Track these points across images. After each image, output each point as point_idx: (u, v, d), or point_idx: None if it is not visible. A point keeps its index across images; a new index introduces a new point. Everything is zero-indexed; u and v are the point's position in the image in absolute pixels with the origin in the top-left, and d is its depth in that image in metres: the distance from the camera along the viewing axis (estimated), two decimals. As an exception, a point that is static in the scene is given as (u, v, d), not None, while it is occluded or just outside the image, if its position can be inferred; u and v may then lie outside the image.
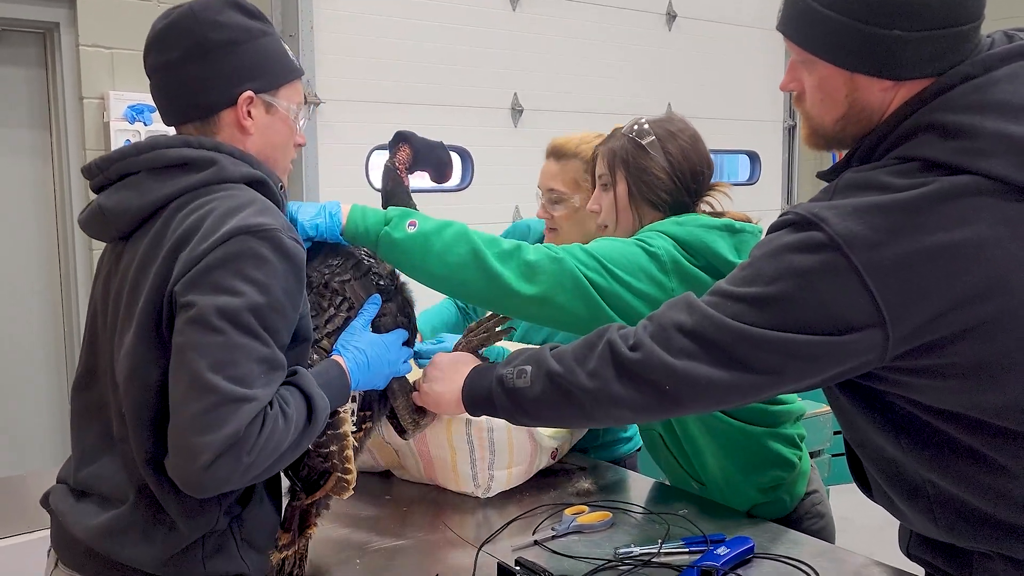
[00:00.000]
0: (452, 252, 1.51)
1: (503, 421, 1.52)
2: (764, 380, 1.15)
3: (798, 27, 1.18)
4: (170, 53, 1.27)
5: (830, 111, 1.19)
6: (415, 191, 1.71)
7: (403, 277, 1.59)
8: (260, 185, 1.27)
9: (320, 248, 1.51)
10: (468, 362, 1.50)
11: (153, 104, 1.35)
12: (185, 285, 1.14)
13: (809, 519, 1.79)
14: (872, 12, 1.10)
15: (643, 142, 1.71)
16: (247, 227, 1.15)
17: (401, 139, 1.71)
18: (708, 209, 1.75)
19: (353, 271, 1.48)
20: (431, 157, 1.71)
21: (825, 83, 1.18)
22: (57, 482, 1.34)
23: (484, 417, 1.53)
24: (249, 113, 1.29)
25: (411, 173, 1.70)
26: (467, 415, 1.54)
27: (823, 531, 1.79)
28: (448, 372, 1.50)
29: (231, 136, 1.30)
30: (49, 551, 1.33)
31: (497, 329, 1.62)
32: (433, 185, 1.73)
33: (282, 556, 1.39)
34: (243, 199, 1.21)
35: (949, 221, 1.07)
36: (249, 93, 1.28)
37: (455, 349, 1.61)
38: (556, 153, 2.09)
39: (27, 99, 3.53)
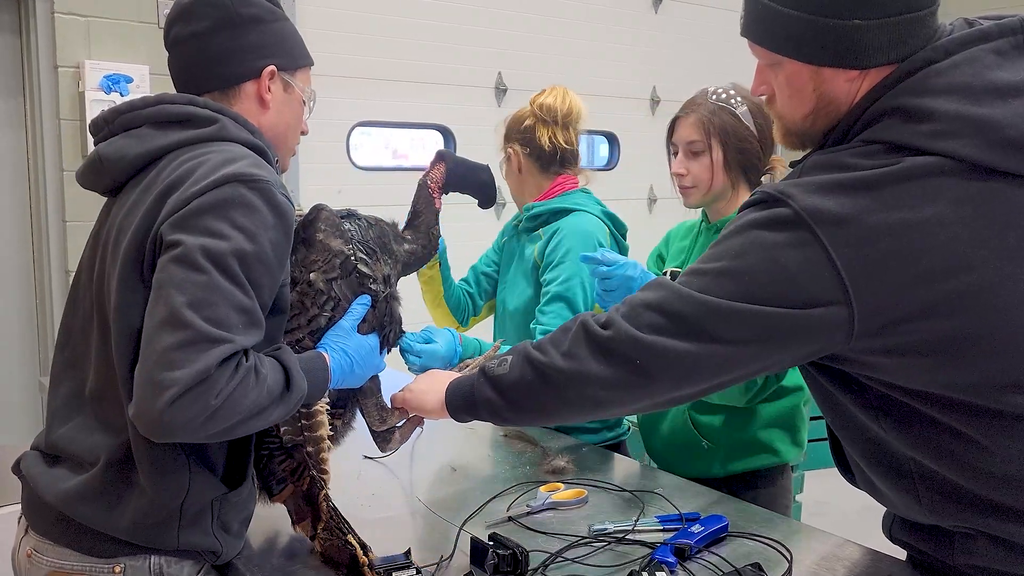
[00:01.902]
0: None
1: None
2: (730, 352, 1.15)
3: (760, 29, 1.21)
4: (199, 24, 1.30)
5: (799, 107, 1.22)
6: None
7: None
8: (258, 153, 1.28)
9: (297, 244, 1.41)
10: (457, 374, 1.51)
11: (129, 75, 1.38)
12: (172, 225, 1.13)
13: (783, 487, 1.86)
14: (830, 4, 1.13)
15: (737, 112, 1.77)
16: (241, 175, 1.16)
17: (438, 158, 1.69)
18: (767, 181, 1.83)
19: (340, 270, 1.42)
20: (471, 179, 1.69)
21: (792, 80, 1.20)
22: (30, 449, 1.33)
23: None
24: (269, 88, 1.33)
25: (445, 194, 1.68)
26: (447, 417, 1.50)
27: (788, 506, 1.86)
28: (437, 375, 1.52)
29: (249, 108, 1.33)
30: (20, 518, 1.32)
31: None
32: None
33: (320, 539, 1.41)
34: (239, 153, 1.22)
35: (913, 199, 1.08)
36: (272, 67, 1.33)
37: None
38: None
39: (0, 67, 3.46)
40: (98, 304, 1.23)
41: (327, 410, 1.43)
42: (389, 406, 1.58)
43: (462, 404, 1.40)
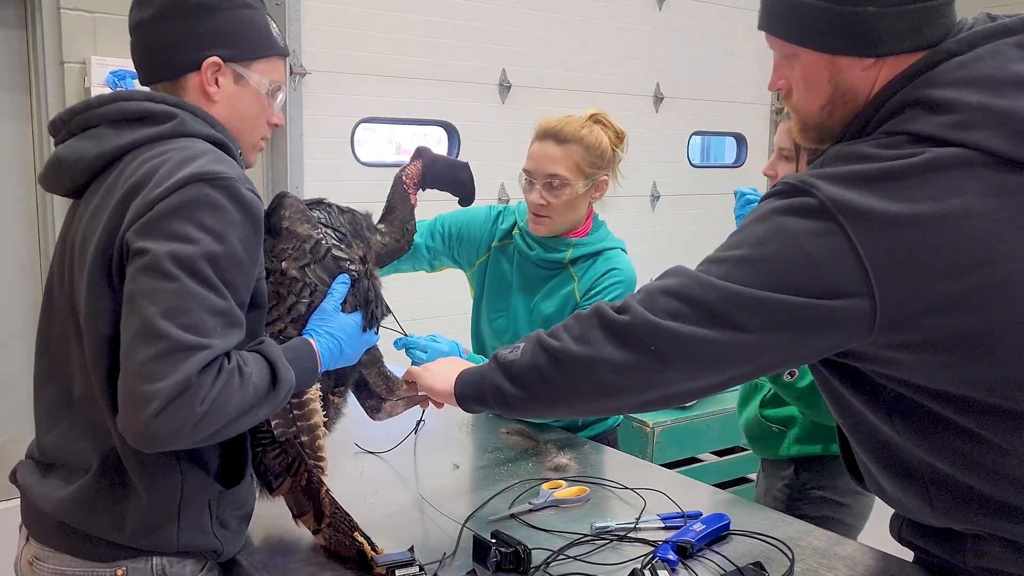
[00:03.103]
0: None
1: None
2: (748, 341, 1.13)
3: (776, 20, 1.21)
4: (146, 11, 1.27)
5: (816, 98, 1.21)
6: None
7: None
8: (219, 147, 1.25)
9: (264, 234, 1.37)
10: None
11: (135, 71, 1.35)
12: (137, 232, 1.11)
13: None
14: None
15: None
16: (203, 174, 1.13)
17: (416, 155, 1.68)
18: None
19: (311, 254, 1.40)
20: (449, 177, 1.69)
21: (808, 71, 1.20)
22: (25, 458, 1.32)
23: None
24: (216, 81, 1.28)
25: (422, 190, 1.67)
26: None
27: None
28: (455, 361, 1.51)
29: (196, 100, 1.28)
30: (20, 527, 1.31)
31: None
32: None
33: (324, 535, 1.41)
34: (199, 149, 1.19)
35: (938, 191, 1.07)
36: (215, 59, 1.27)
37: None
38: (556, 136, 1.98)
39: (6, 62, 3.47)
40: (72, 310, 1.22)
41: (320, 395, 1.42)
42: (395, 374, 1.59)
43: (472, 392, 1.38)
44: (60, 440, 1.24)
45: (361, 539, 1.36)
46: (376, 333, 1.49)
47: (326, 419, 1.46)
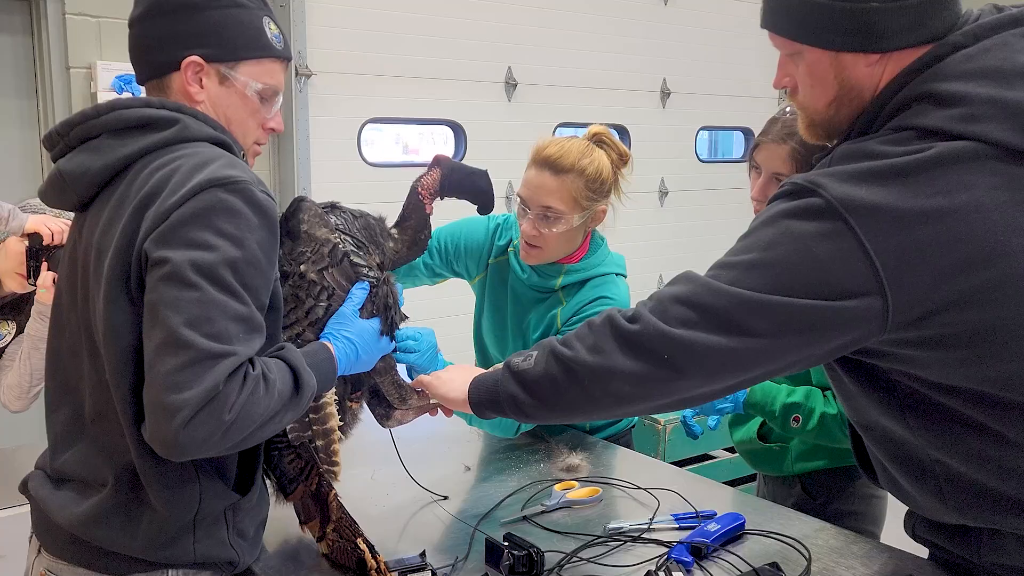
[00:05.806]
0: None
1: None
2: (762, 346, 1.12)
3: (779, 18, 1.20)
4: (137, 10, 1.27)
5: (822, 95, 1.20)
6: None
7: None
8: (223, 148, 1.23)
9: (282, 237, 1.36)
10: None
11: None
12: (155, 241, 1.10)
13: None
14: None
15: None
16: (217, 179, 1.12)
17: (434, 163, 1.66)
18: None
19: (329, 258, 1.40)
20: (468, 185, 1.66)
21: (813, 68, 1.19)
22: (35, 469, 1.31)
23: None
24: (201, 81, 1.25)
25: (441, 199, 1.66)
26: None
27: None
28: (467, 368, 1.50)
29: (180, 101, 1.25)
30: (31, 537, 1.30)
31: None
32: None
33: (328, 541, 1.40)
34: (210, 154, 1.18)
35: (948, 186, 1.06)
36: (194, 58, 1.24)
37: None
38: (553, 166, 1.84)
39: (12, 68, 3.47)
40: (84, 326, 1.20)
41: (336, 400, 1.42)
42: (407, 383, 1.58)
43: (486, 399, 1.38)
44: (76, 458, 1.23)
45: (363, 546, 1.36)
46: (392, 340, 1.48)
47: (342, 424, 1.45)
